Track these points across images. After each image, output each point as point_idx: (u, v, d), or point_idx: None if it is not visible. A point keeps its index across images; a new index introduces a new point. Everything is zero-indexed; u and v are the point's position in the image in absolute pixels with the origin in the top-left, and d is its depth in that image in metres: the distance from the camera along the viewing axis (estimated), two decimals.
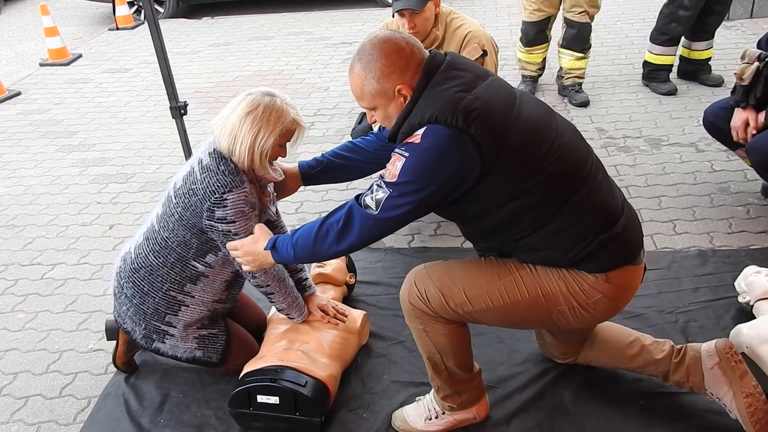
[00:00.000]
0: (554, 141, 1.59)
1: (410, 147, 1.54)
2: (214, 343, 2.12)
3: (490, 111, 1.53)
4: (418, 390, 2.12)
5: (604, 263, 1.62)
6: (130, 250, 2.11)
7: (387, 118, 1.67)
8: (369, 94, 1.63)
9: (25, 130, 4.64)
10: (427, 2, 2.65)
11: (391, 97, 1.61)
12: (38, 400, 2.26)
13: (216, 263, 2.03)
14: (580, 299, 1.64)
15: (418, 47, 1.63)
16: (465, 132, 1.50)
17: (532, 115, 1.61)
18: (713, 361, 1.85)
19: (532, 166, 1.56)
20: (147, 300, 2.05)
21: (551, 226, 1.59)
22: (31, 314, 2.70)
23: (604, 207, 1.63)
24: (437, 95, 1.55)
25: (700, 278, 2.52)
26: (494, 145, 1.51)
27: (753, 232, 2.78)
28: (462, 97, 1.53)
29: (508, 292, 1.67)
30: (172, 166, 3.89)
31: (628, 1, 6.36)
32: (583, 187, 1.60)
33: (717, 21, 4.06)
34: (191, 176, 1.94)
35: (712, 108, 2.88)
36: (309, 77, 5.19)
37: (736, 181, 3.17)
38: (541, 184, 1.56)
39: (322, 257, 1.72)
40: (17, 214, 3.51)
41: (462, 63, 1.65)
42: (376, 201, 1.57)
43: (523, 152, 1.55)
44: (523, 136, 1.56)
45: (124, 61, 6.02)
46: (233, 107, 1.90)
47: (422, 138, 1.52)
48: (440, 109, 1.52)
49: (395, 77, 1.59)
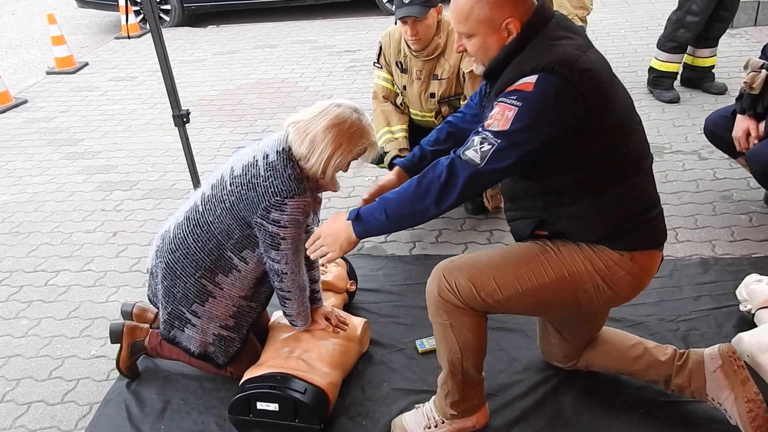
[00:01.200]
0: (635, 126, 1.66)
1: (522, 95, 1.49)
2: (228, 346, 2.12)
3: (601, 76, 1.55)
4: (418, 398, 2.12)
5: (633, 243, 1.67)
6: (169, 229, 2.10)
7: (482, 48, 1.61)
8: (475, 19, 1.56)
9: (31, 137, 4.68)
10: (429, 10, 2.66)
11: (497, 28, 1.56)
12: (40, 406, 2.27)
13: (251, 260, 2.03)
14: (605, 275, 1.67)
15: None
16: (578, 88, 1.49)
17: (625, 97, 1.66)
18: (716, 364, 1.85)
19: (618, 140, 1.60)
20: (177, 283, 2.04)
21: (602, 199, 1.63)
22: (34, 320, 2.72)
23: (649, 195, 1.71)
24: (553, 47, 1.53)
25: (702, 286, 2.52)
26: (599, 109, 1.53)
27: (755, 241, 2.78)
28: (579, 56, 1.52)
29: (536, 276, 1.68)
30: (176, 173, 3.91)
31: (632, 9, 6.37)
32: (639, 174, 1.66)
33: (722, 28, 4.06)
34: (254, 168, 1.93)
35: (713, 117, 2.89)
36: (312, 85, 5.22)
37: (739, 189, 3.16)
38: (616, 159, 1.60)
39: (419, 218, 1.60)
40: (22, 221, 3.54)
41: (572, 25, 1.65)
42: (481, 153, 1.51)
43: (616, 125, 1.59)
44: (620, 110, 1.60)
45: (129, 69, 6.06)
46: (318, 115, 1.90)
47: (535, 86, 1.48)
48: (557, 61, 1.49)
49: (508, 9, 1.54)
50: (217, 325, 2.08)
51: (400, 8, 2.68)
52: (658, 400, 2.01)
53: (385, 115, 3.02)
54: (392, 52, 2.93)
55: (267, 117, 4.67)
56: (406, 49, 2.86)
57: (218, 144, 4.29)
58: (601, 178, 1.62)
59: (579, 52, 1.54)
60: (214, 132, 4.48)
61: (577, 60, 1.51)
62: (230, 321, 2.09)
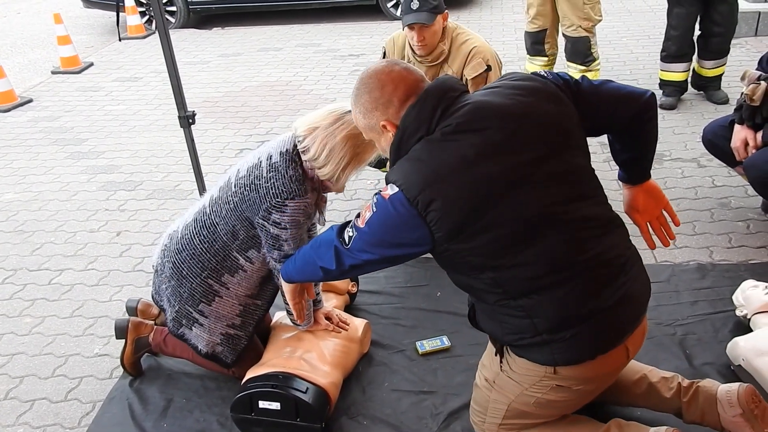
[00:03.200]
0: (553, 231, 1.48)
1: (380, 203, 1.51)
2: (236, 344, 2.15)
3: (453, 208, 1.44)
4: (418, 398, 2.15)
5: (546, 357, 1.58)
6: (177, 229, 2.13)
7: (384, 150, 1.67)
8: (361, 128, 1.66)
9: (35, 137, 4.72)
10: (436, 16, 2.70)
11: (380, 132, 1.60)
12: (44, 403, 2.29)
13: (257, 259, 2.05)
14: (539, 389, 1.65)
15: (409, 81, 1.54)
16: (422, 216, 1.44)
17: (536, 203, 1.47)
18: (735, 411, 1.77)
19: (497, 261, 1.50)
20: (184, 283, 2.07)
21: (503, 309, 1.57)
22: (38, 319, 2.74)
23: (564, 312, 1.52)
24: (419, 162, 1.47)
25: (699, 292, 2.54)
26: (454, 237, 1.46)
27: (752, 247, 2.81)
28: (437, 178, 1.44)
29: (499, 409, 1.76)
30: (179, 174, 3.94)
31: (634, 18, 6.41)
32: (544, 291, 1.51)
33: (721, 42, 4.07)
34: (257, 169, 1.96)
35: (711, 126, 2.92)
36: (316, 89, 5.25)
37: (737, 196, 3.19)
38: (500, 278, 1.52)
39: (314, 278, 1.87)
40: (26, 219, 3.57)
41: (471, 124, 1.47)
42: (347, 237, 1.60)
43: (490, 249, 1.48)
44: (500, 232, 1.46)
45: (134, 70, 6.10)
46: (335, 123, 1.91)
47: (390, 199, 1.48)
48: (410, 183, 1.45)
49: (377, 113, 1.57)
50: (224, 324, 2.11)
51: (407, 14, 2.70)
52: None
53: None
54: (396, 58, 2.96)
55: (271, 119, 4.70)
56: (411, 55, 2.89)
57: (222, 146, 4.32)
58: (486, 291, 1.56)
59: (446, 173, 1.43)
60: (218, 134, 4.52)
61: (432, 185, 1.43)
62: (237, 320, 2.12)
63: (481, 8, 7.31)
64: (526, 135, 1.48)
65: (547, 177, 1.48)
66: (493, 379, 1.76)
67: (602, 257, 1.54)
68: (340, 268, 1.65)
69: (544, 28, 4.20)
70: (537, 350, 1.58)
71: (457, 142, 1.46)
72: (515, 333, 1.59)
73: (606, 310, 1.53)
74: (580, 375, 1.60)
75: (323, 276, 1.75)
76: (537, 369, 1.62)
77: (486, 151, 1.45)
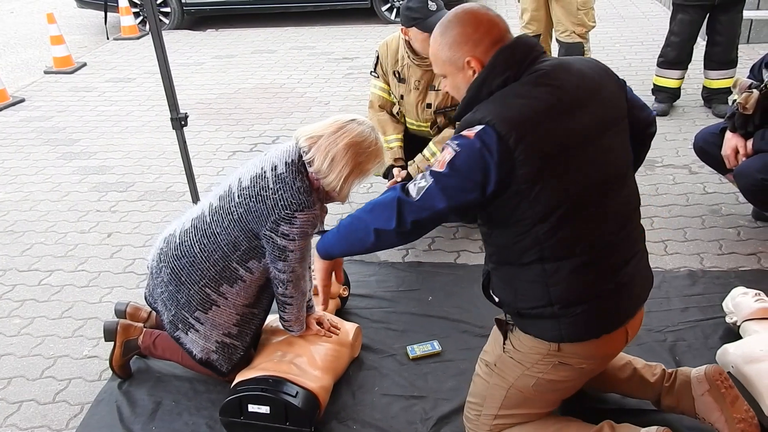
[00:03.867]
0: (589, 208, 1.54)
1: (462, 142, 1.51)
2: (232, 353, 2.13)
3: (543, 145, 1.48)
4: (408, 403, 2.15)
5: (553, 333, 1.62)
6: (174, 233, 2.11)
7: (455, 87, 1.66)
8: (442, 60, 1.62)
9: (27, 136, 4.69)
10: None
11: (460, 68, 1.60)
12: (32, 405, 2.28)
13: (256, 270, 2.04)
14: (541, 368, 1.68)
15: (502, 27, 1.59)
16: (510, 151, 1.46)
17: (592, 171, 1.54)
18: (703, 388, 1.85)
19: (554, 216, 1.52)
20: (182, 289, 2.05)
21: (522, 272, 1.60)
22: (27, 320, 2.72)
23: (582, 286, 1.59)
24: (510, 102, 1.51)
25: (690, 298, 2.55)
26: (534, 176, 1.48)
27: (743, 254, 2.82)
28: (528, 117, 1.48)
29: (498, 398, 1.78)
30: (171, 175, 3.93)
31: (627, 24, 6.45)
32: (572, 259, 1.56)
33: (722, 52, 4.07)
34: (262, 180, 1.94)
35: (702, 134, 2.94)
36: (310, 91, 5.25)
37: (728, 203, 3.21)
38: (546, 234, 1.53)
39: (363, 238, 1.64)
40: (17, 219, 3.55)
41: (557, 76, 1.55)
42: (418, 188, 1.55)
43: (553, 200, 1.51)
44: (570, 184, 1.51)
45: (128, 70, 6.08)
46: (338, 131, 1.91)
47: (476, 135, 1.48)
48: (504, 119, 1.47)
49: (466, 48, 1.57)
50: (220, 332, 2.09)
51: (431, 18, 2.63)
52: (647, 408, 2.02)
53: (381, 125, 3.05)
54: (389, 62, 2.96)
55: (264, 122, 4.70)
56: (405, 58, 2.89)
57: (215, 147, 4.31)
58: (524, 249, 1.57)
59: (535, 114, 1.48)
60: (211, 135, 4.51)
61: (525, 123, 1.46)
62: (233, 329, 2.11)
63: None
64: (599, 102, 1.58)
65: (609, 147, 1.59)
66: (495, 362, 1.77)
67: (629, 239, 1.65)
68: (401, 227, 1.56)
69: (538, 34, 4.22)
70: (545, 323, 1.62)
71: (544, 88, 1.53)
72: (529, 300, 1.62)
73: (616, 292, 1.62)
74: (583, 352, 1.65)
75: (374, 241, 1.62)
76: (541, 346, 1.66)
77: (568, 104, 1.53)
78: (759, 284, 2.50)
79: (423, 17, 2.68)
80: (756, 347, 2.05)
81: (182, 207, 3.23)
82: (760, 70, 2.67)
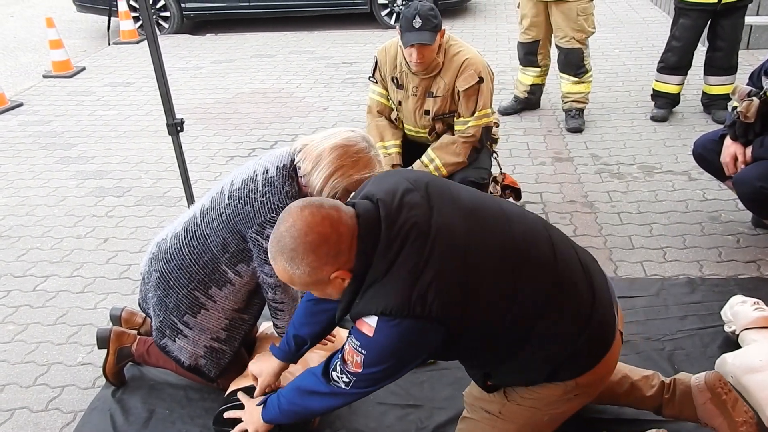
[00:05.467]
0: (518, 277, 1.50)
1: (365, 342, 1.44)
2: (220, 358, 2.12)
3: (448, 283, 1.40)
4: (404, 412, 2.13)
5: (572, 371, 1.62)
6: (166, 238, 2.10)
7: (325, 296, 1.54)
8: (302, 283, 1.47)
9: (25, 141, 4.68)
10: (437, 35, 2.70)
11: (327, 282, 1.44)
12: (24, 412, 2.26)
13: (246, 273, 2.02)
14: (557, 407, 1.68)
15: (344, 219, 1.41)
16: (425, 318, 1.38)
17: (492, 249, 1.49)
18: (705, 396, 1.86)
19: (502, 315, 1.49)
20: (170, 293, 2.04)
21: (524, 353, 1.58)
22: (21, 326, 2.71)
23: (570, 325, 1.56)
24: (385, 284, 1.40)
25: (689, 306, 2.54)
26: (459, 316, 1.43)
27: (742, 262, 2.80)
28: (414, 281, 1.38)
29: None
30: (169, 181, 3.91)
31: (626, 29, 6.45)
32: (548, 315, 1.53)
33: (723, 57, 4.06)
34: (252, 182, 1.93)
35: (701, 140, 2.92)
36: (309, 96, 5.24)
37: (727, 210, 3.19)
38: (511, 326, 1.51)
39: (307, 417, 1.78)
40: (13, 224, 3.53)
41: (397, 216, 1.43)
42: (343, 383, 1.54)
43: (492, 309, 1.48)
44: (491, 288, 1.47)
45: (126, 75, 6.08)
46: (329, 136, 1.91)
47: (376, 332, 1.41)
48: (393, 304, 1.38)
49: (328, 267, 1.41)
50: (208, 337, 2.08)
51: (409, 33, 2.68)
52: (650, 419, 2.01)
53: (379, 130, 3.04)
54: (388, 68, 2.95)
55: (262, 127, 4.68)
56: (404, 65, 2.88)
57: (212, 152, 4.30)
58: (509, 341, 1.54)
59: (412, 272, 1.38)
60: (209, 140, 4.50)
61: (413, 289, 1.37)
62: (222, 333, 2.09)
63: (474, 18, 7.34)
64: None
65: (485, 226, 1.56)
66: (499, 411, 1.74)
67: (567, 264, 1.60)
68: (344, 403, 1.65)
69: (537, 39, 4.22)
70: (565, 368, 1.60)
71: (401, 244, 1.42)
72: (548, 368, 1.60)
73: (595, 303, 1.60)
74: (599, 374, 1.64)
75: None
76: (556, 387, 1.64)
77: (425, 239, 1.44)
78: (758, 292, 2.49)
79: (405, 29, 2.71)
80: (755, 357, 2.03)
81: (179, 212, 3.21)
82: (759, 77, 2.65)
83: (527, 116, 4.53)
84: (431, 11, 2.68)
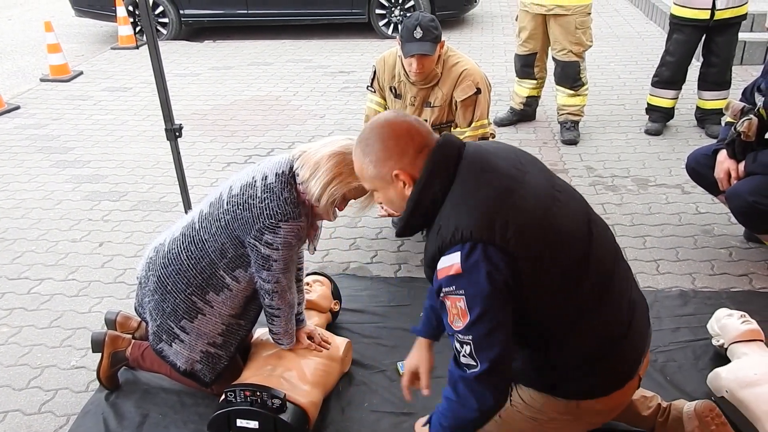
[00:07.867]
0: (589, 256, 1.51)
1: (458, 282, 1.42)
2: (216, 363, 2.12)
3: (527, 225, 1.43)
4: (397, 419, 2.13)
5: (576, 392, 1.60)
6: (164, 242, 2.11)
7: (387, 201, 1.61)
8: (367, 177, 1.58)
9: (21, 144, 4.68)
10: (437, 46, 2.73)
11: (390, 182, 1.53)
12: (17, 415, 2.25)
13: (243, 279, 2.03)
14: (553, 425, 1.67)
15: (423, 132, 1.53)
16: (504, 249, 1.39)
17: (569, 223, 1.51)
18: (693, 424, 1.88)
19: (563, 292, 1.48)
20: (167, 298, 2.04)
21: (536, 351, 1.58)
22: (15, 328, 2.70)
23: (594, 342, 1.55)
24: (468, 204, 1.44)
25: (681, 318, 2.56)
26: (537, 261, 1.43)
27: (734, 275, 2.83)
28: (497, 209, 1.42)
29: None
30: (165, 186, 3.92)
31: (622, 43, 6.51)
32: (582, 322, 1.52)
33: (717, 73, 4.11)
34: (251, 188, 1.94)
35: (695, 155, 2.95)
36: (306, 104, 5.26)
37: (720, 224, 3.22)
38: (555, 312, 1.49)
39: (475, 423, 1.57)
40: (8, 227, 3.52)
41: (490, 162, 1.51)
42: (470, 356, 1.45)
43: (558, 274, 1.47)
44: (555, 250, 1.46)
45: (124, 80, 6.08)
46: (328, 143, 1.92)
47: (463, 268, 1.40)
48: (475, 225, 1.41)
49: (391, 162, 1.51)
50: (205, 342, 2.08)
51: (410, 43, 2.71)
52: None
53: None
54: (386, 77, 2.98)
55: (259, 134, 4.70)
56: (402, 75, 2.91)
57: (209, 159, 4.31)
58: (535, 330, 1.53)
59: (498, 202, 1.43)
60: (206, 146, 4.50)
61: (496, 217, 1.40)
62: (218, 339, 2.10)
63: (471, 29, 7.39)
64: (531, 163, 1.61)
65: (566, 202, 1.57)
66: (499, 413, 1.70)
67: (622, 280, 1.62)
68: (499, 382, 1.49)
69: (535, 52, 4.26)
70: (569, 385, 1.59)
71: (491, 175, 1.49)
72: (553, 376, 1.59)
73: (628, 342, 1.59)
74: (603, 406, 1.61)
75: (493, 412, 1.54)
76: (558, 403, 1.62)
77: (516, 180, 1.50)
78: (749, 305, 2.52)
79: (406, 39, 2.73)
80: (750, 371, 2.04)
81: (175, 217, 3.22)
82: (752, 93, 2.68)
83: (523, 128, 4.56)
84: (432, 22, 2.71)
